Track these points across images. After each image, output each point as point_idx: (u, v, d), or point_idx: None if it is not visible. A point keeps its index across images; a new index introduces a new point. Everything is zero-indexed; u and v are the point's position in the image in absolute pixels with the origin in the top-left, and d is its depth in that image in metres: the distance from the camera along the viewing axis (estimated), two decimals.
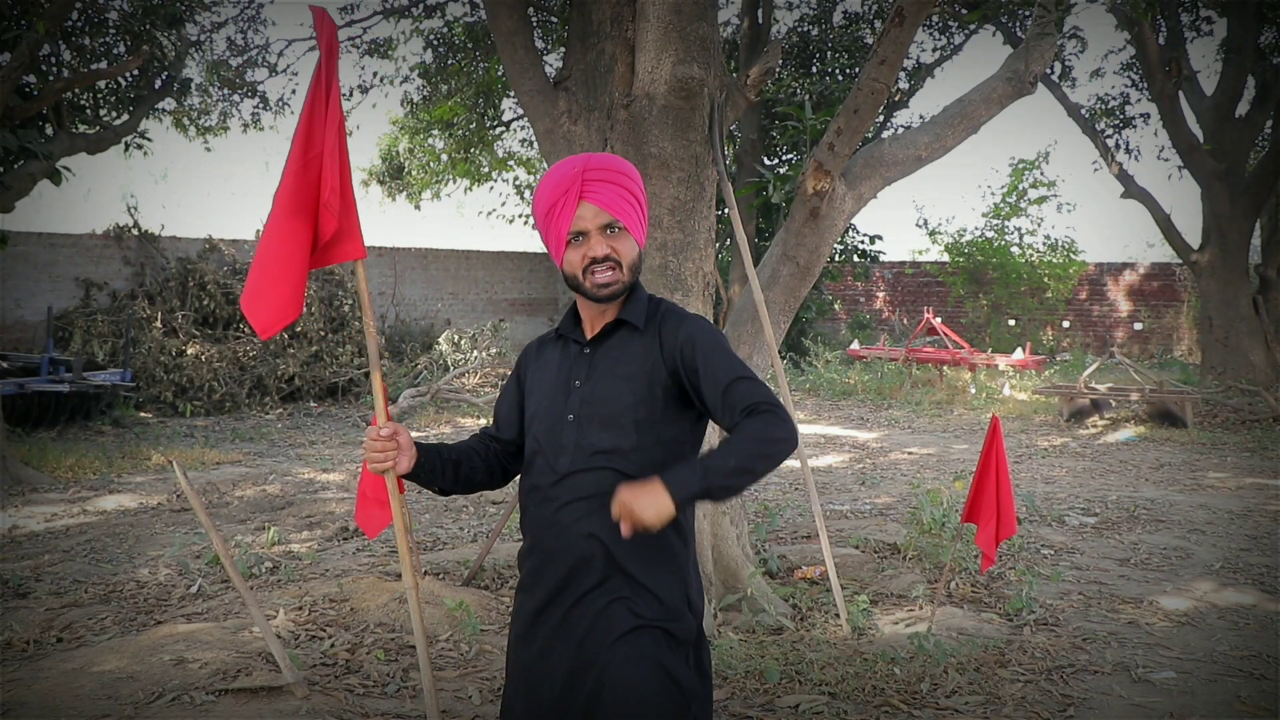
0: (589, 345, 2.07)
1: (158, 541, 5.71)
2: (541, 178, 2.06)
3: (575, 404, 2.02)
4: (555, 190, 2.02)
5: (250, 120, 12.49)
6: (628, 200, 2.04)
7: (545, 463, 2.02)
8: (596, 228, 2.00)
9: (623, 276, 2.02)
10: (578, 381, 2.04)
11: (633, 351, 2.03)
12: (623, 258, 2.02)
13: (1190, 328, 17.82)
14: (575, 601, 1.95)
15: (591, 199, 2.00)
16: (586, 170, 2.01)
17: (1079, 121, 13.36)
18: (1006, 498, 3.92)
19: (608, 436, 1.97)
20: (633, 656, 1.89)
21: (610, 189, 2.01)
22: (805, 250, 4.61)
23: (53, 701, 3.32)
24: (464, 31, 11.76)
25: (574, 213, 2.00)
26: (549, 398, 2.07)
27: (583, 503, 1.96)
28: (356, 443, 9.41)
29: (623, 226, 2.02)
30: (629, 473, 1.94)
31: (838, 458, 8.82)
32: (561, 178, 2.02)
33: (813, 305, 16.36)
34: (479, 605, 4.39)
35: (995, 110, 4.79)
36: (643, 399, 1.98)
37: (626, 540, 1.89)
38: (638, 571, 1.94)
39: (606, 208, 2.00)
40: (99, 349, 11.01)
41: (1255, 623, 4.48)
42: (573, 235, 2.01)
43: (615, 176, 2.02)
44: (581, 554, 1.95)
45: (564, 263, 2.04)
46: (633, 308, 2.06)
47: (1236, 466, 8.39)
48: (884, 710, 3.49)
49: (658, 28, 4.21)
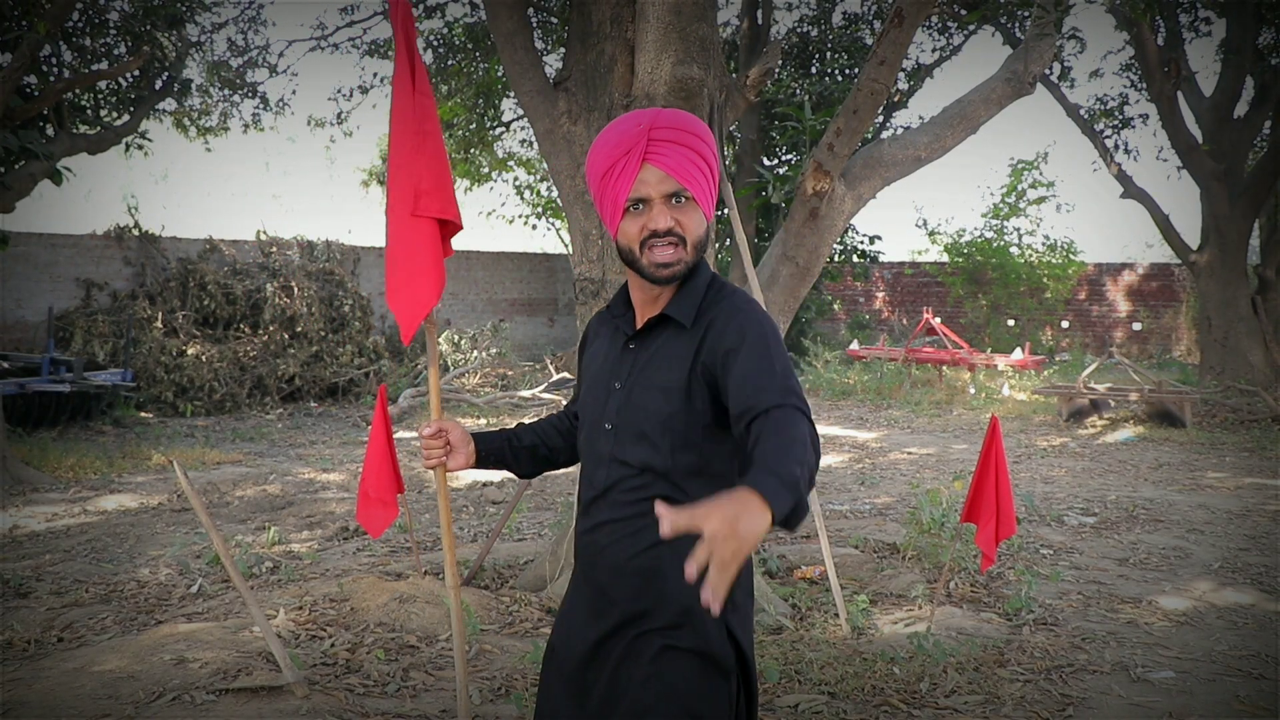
0: (633, 339, 1.84)
1: (158, 541, 5.72)
2: (600, 134, 1.81)
3: (612, 411, 1.82)
4: (616, 149, 1.75)
5: (250, 120, 12.50)
6: (698, 166, 1.76)
7: (588, 474, 1.86)
8: (660, 196, 1.73)
9: (686, 255, 1.75)
10: (617, 384, 1.83)
11: (674, 354, 1.77)
12: (688, 233, 1.75)
13: (1189, 328, 17.83)
14: (608, 634, 1.79)
15: (657, 162, 1.72)
16: (654, 128, 1.73)
17: (1078, 122, 13.37)
18: (1006, 498, 3.92)
19: (640, 452, 1.77)
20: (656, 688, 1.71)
21: (680, 151, 1.73)
22: (805, 250, 4.62)
23: (53, 701, 3.32)
24: (464, 32, 11.76)
25: (635, 176, 1.73)
26: (592, 398, 1.88)
27: (616, 525, 1.80)
28: (357, 443, 9.41)
29: (690, 196, 1.74)
30: (663, 495, 1.73)
31: (837, 458, 8.83)
32: (624, 135, 1.75)
33: (812, 305, 16.37)
34: (479, 605, 4.40)
35: (994, 111, 4.79)
36: (679, 411, 1.74)
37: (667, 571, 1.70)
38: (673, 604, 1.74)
39: (674, 173, 1.72)
40: (99, 349, 11.01)
41: (1254, 622, 4.49)
42: (632, 202, 1.74)
43: (686, 137, 1.74)
44: (616, 577, 1.79)
45: (619, 233, 1.77)
46: (681, 300, 1.79)
47: (1235, 466, 8.40)
48: (883, 710, 3.50)
49: (658, 28, 4.22)
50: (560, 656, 1.88)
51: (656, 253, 1.74)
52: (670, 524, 1.30)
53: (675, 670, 1.72)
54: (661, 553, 1.74)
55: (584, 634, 1.83)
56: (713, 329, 1.75)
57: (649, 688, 1.71)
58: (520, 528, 5.99)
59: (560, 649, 1.89)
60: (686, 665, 1.73)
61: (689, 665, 1.73)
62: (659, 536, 1.46)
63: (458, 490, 7.27)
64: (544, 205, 18.17)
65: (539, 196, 18.18)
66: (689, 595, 1.70)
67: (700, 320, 1.78)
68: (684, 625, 1.73)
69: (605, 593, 1.81)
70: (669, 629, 1.74)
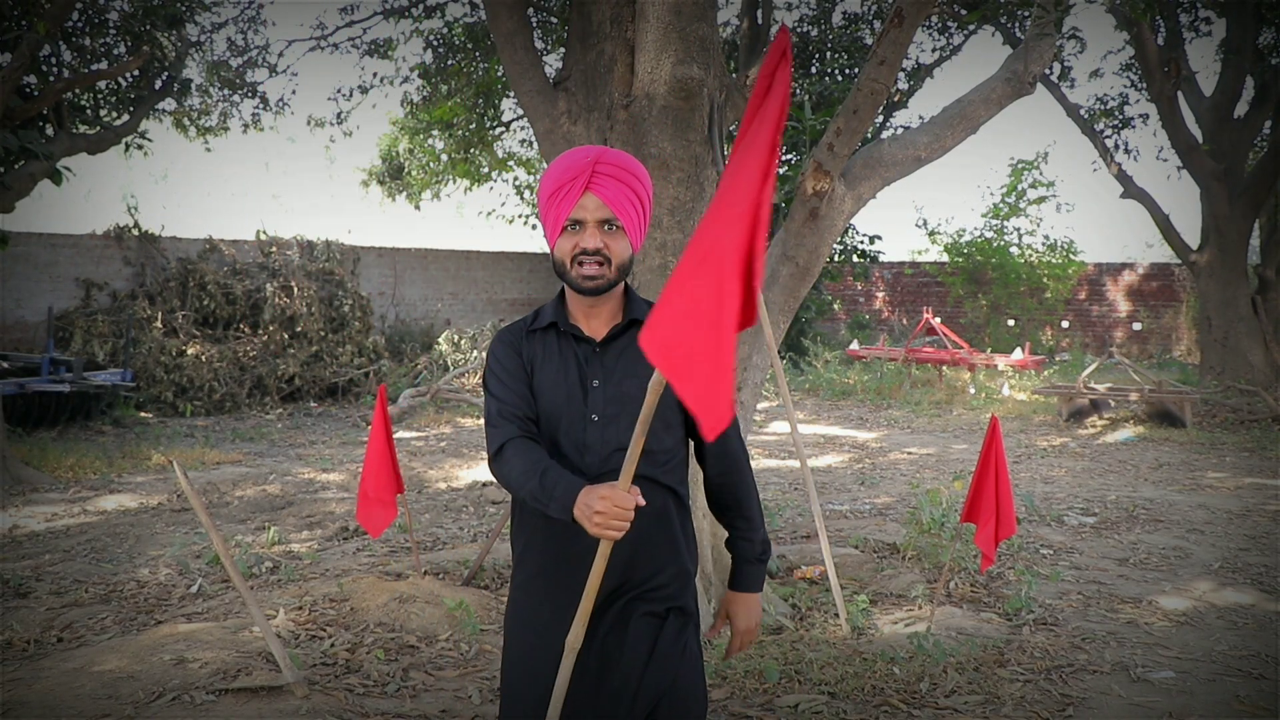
0: (600, 344, 2.07)
1: (158, 541, 5.71)
2: (554, 160, 2.06)
3: (598, 403, 2.02)
4: (564, 175, 2.01)
5: (250, 121, 12.50)
6: (632, 202, 2.03)
7: (567, 464, 2.00)
8: (595, 220, 2.00)
9: (609, 274, 2.01)
10: (595, 381, 2.04)
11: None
12: (613, 255, 2.01)
13: (1189, 328, 17.83)
14: (608, 600, 2.00)
15: (597, 191, 1.99)
16: (599, 162, 2.01)
17: (1078, 122, 13.37)
18: (1006, 497, 3.92)
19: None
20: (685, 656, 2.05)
21: (618, 186, 2.01)
22: (805, 250, 4.62)
23: (53, 701, 3.32)
24: (464, 32, 11.75)
25: (577, 201, 1.99)
26: (561, 395, 2.04)
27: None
28: (357, 443, 9.41)
29: (621, 226, 2.02)
30: (655, 473, 2.01)
31: (837, 458, 8.83)
32: (572, 164, 2.01)
33: (812, 305, 16.37)
34: (479, 605, 4.40)
35: (994, 111, 4.79)
36: (665, 399, 1.97)
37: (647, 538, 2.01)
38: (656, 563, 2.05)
39: (609, 203, 2.00)
40: (99, 349, 11.01)
41: (1254, 622, 4.49)
42: (570, 223, 2.01)
43: (625, 176, 2.02)
44: (617, 553, 1.94)
45: (555, 248, 2.04)
46: (637, 308, 2.07)
47: (1235, 466, 8.40)
48: (883, 710, 3.50)
49: (657, 28, 4.22)
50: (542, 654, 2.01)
51: (584, 268, 2.01)
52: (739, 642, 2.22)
53: (694, 641, 2.09)
54: (654, 523, 2.02)
55: (564, 621, 1.96)
56: None
57: (685, 662, 2.04)
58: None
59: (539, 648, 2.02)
60: (694, 634, 2.09)
61: (694, 633, 2.09)
62: (650, 509, 1.95)
63: (457, 490, 7.27)
64: None
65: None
66: (677, 556, 2.07)
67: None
68: (672, 584, 2.05)
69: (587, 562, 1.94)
70: (662, 589, 2.04)
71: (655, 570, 2.04)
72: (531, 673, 2.02)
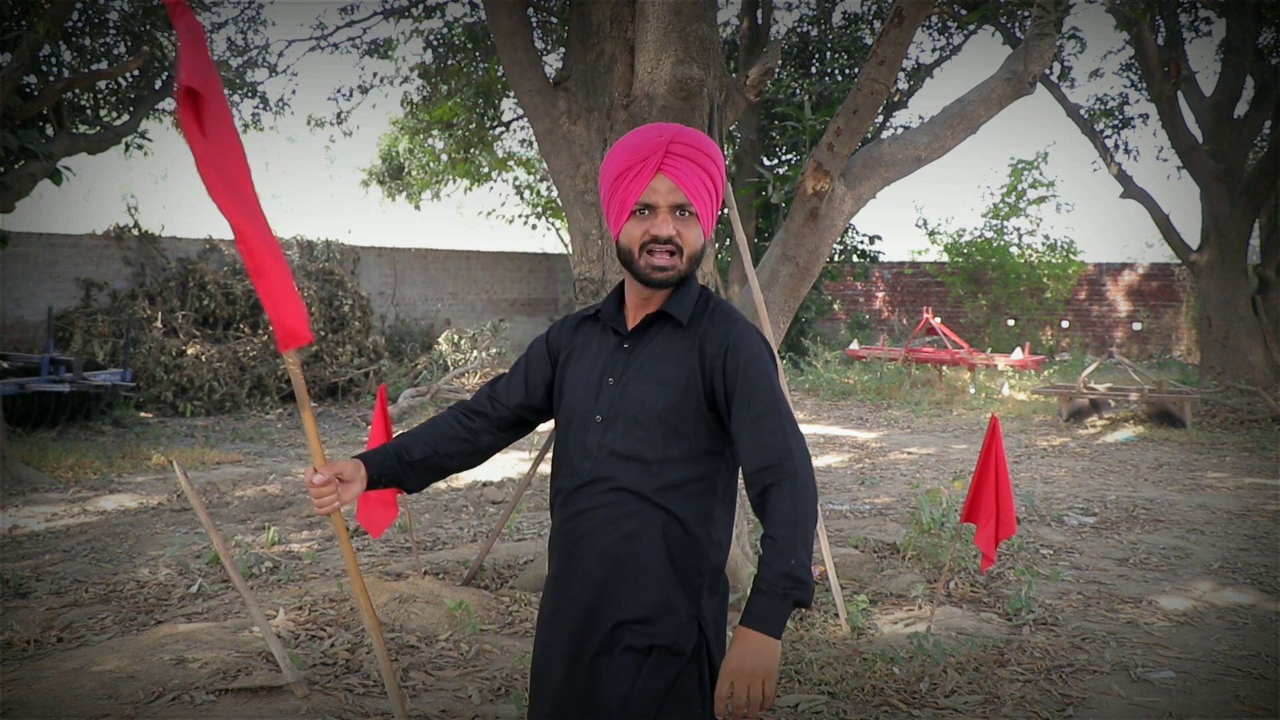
0: (628, 338, 1.93)
1: (158, 541, 5.71)
2: (620, 139, 1.93)
3: (605, 404, 1.89)
4: (634, 155, 1.85)
5: (250, 120, 12.49)
6: (706, 186, 1.87)
7: (570, 465, 1.92)
8: (668, 205, 1.84)
9: (680, 265, 1.86)
10: (610, 379, 1.90)
11: (672, 350, 1.88)
12: (686, 245, 1.86)
13: (1189, 328, 17.83)
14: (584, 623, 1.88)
15: (671, 174, 1.84)
16: (674, 142, 1.85)
17: (1078, 122, 13.37)
18: (1006, 497, 3.92)
19: (631, 441, 1.85)
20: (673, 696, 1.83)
21: (692, 169, 1.85)
22: (805, 250, 4.62)
23: (53, 701, 3.32)
24: (464, 32, 11.76)
25: (648, 183, 1.83)
26: (581, 394, 1.94)
27: (597, 513, 1.87)
28: (357, 443, 9.41)
29: (695, 212, 1.86)
30: (648, 487, 1.83)
31: (837, 458, 8.83)
32: (644, 143, 1.85)
33: (812, 305, 16.37)
34: (479, 605, 4.40)
35: (994, 111, 4.79)
36: (674, 405, 1.84)
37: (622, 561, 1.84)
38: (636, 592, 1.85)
39: (684, 186, 1.84)
40: (99, 349, 11.01)
41: (1254, 622, 4.49)
42: (640, 207, 1.85)
43: (700, 157, 1.86)
44: (594, 564, 1.87)
45: (621, 234, 1.88)
46: (679, 300, 1.90)
47: (1235, 466, 8.40)
48: (883, 710, 3.50)
49: (657, 28, 4.22)
50: (547, 646, 1.96)
51: (655, 258, 1.85)
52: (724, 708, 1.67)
53: (690, 681, 1.84)
54: (638, 544, 1.84)
55: (565, 625, 1.91)
56: (712, 329, 1.87)
57: (671, 704, 1.82)
58: (520, 528, 5.99)
59: (546, 639, 1.96)
60: (691, 674, 1.84)
61: (691, 673, 1.84)
62: (636, 527, 1.82)
63: (457, 490, 7.27)
64: (544, 205, 18.16)
65: (539, 196, 18.17)
66: (663, 588, 1.83)
67: (697, 322, 1.90)
68: (659, 620, 1.82)
69: (583, 579, 1.88)
70: (643, 623, 1.83)
71: (634, 600, 1.84)
72: (542, 668, 1.97)
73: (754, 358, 1.85)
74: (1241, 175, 12.53)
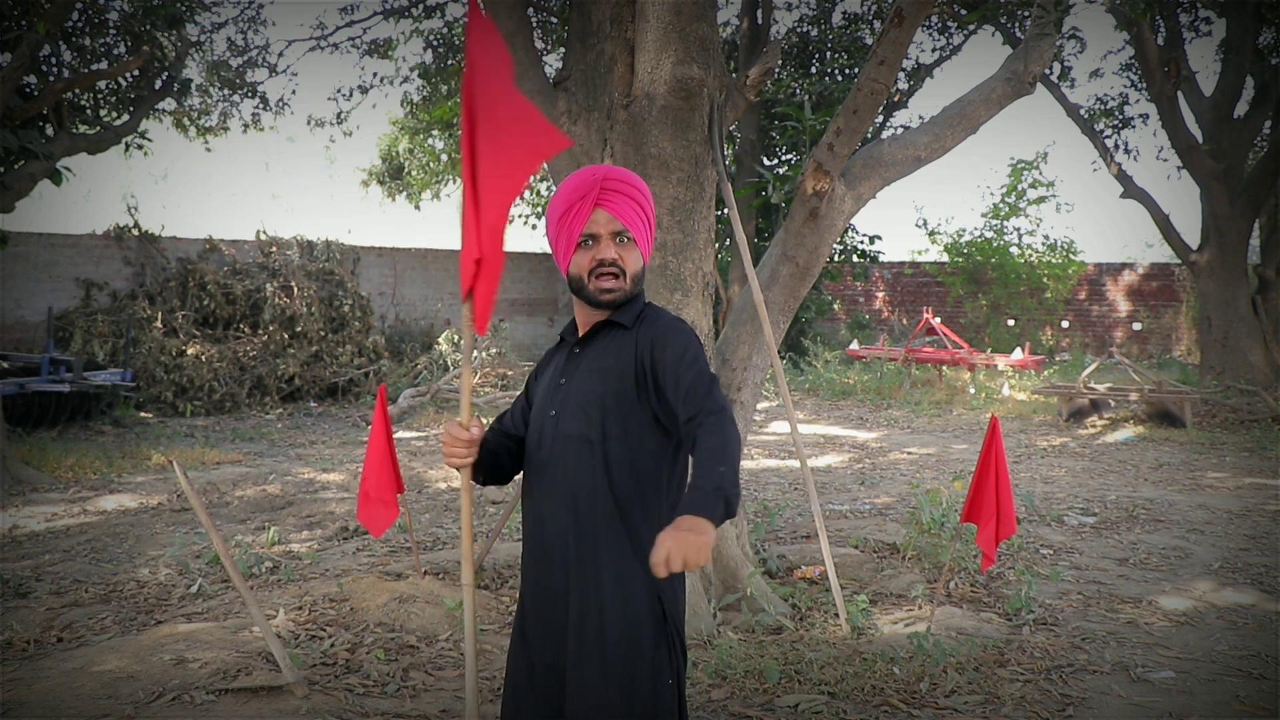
0: (578, 345, 2.17)
1: (158, 541, 5.71)
2: (559, 186, 2.19)
3: (558, 401, 2.12)
4: (573, 194, 2.10)
5: (250, 120, 12.50)
6: (639, 214, 2.13)
7: (530, 459, 2.15)
8: (608, 233, 2.09)
9: (625, 285, 2.10)
10: (563, 380, 2.15)
11: (613, 347, 2.11)
12: (628, 267, 2.10)
13: (1189, 328, 17.83)
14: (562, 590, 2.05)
15: (607, 206, 2.09)
16: (606, 179, 2.10)
17: (1078, 122, 13.37)
18: (1006, 497, 3.92)
19: (576, 424, 2.06)
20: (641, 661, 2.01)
21: (625, 201, 2.11)
22: (805, 250, 4.62)
23: (53, 701, 3.32)
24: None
25: (588, 217, 2.08)
26: (541, 400, 2.19)
27: (554, 494, 2.06)
28: (357, 443, 9.41)
29: (632, 237, 2.11)
30: (597, 465, 2.03)
31: (837, 458, 8.83)
32: (580, 183, 2.11)
33: (812, 305, 16.37)
34: (479, 605, 4.40)
35: (994, 111, 4.79)
36: (612, 390, 2.05)
37: (593, 535, 2.02)
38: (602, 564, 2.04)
39: (619, 216, 2.09)
40: (99, 349, 11.01)
41: (1254, 622, 4.49)
42: (584, 238, 2.10)
43: (630, 190, 2.12)
44: (557, 547, 2.05)
45: (571, 264, 2.12)
46: (625, 310, 2.13)
47: (1235, 466, 8.40)
48: (883, 710, 3.50)
49: (657, 28, 4.22)
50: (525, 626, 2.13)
51: (602, 281, 2.08)
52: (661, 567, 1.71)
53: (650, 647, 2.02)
54: (597, 518, 2.04)
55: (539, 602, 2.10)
56: (643, 326, 2.09)
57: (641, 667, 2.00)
58: (520, 527, 5.99)
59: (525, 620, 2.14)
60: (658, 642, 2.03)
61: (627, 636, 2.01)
62: (590, 505, 2.03)
63: (457, 490, 7.27)
64: (544, 205, 18.17)
65: (539, 196, 18.18)
66: (618, 558, 2.02)
67: (636, 326, 2.12)
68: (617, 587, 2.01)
69: (551, 557, 2.07)
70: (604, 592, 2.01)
71: (606, 563, 2.03)
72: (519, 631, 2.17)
73: (676, 333, 2.05)
74: (1241, 175, 12.53)
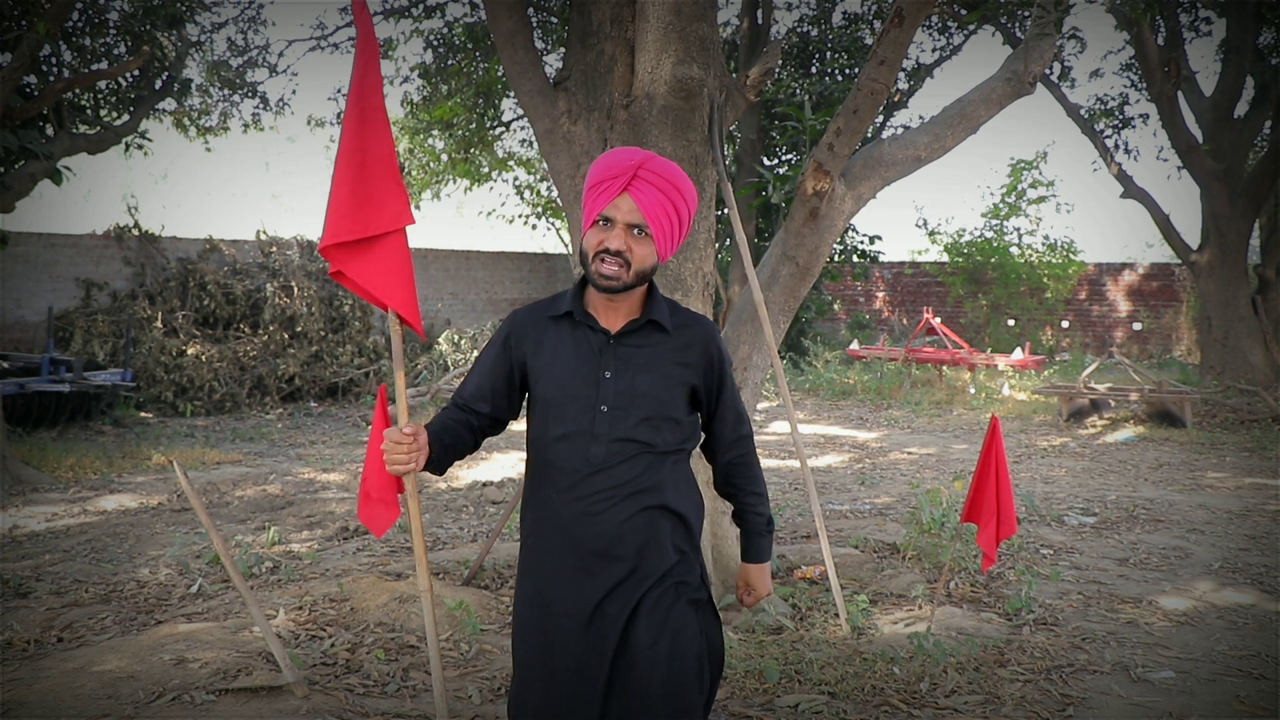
0: (614, 337, 2.12)
1: (158, 541, 5.71)
2: (604, 153, 2.22)
3: (609, 395, 2.08)
4: (607, 172, 2.05)
5: (250, 120, 12.49)
6: (668, 212, 2.07)
7: (574, 451, 2.09)
8: (624, 223, 2.04)
9: (625, 277, 2.05)
10: (608, 373, 2.09)
11: (662, 352, 2.12)
12: (635, 260, 2.05)
13: (1189, 328, 17.83)
14: (620, 582, 2.08)
15: (634, 195, 2.03)
16: (643, 168, 2.04)
17: (1078, 122, 13.37)
18: (1006, 497, 3.92)
19: (646, 430, 2.08)
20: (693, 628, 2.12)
21: (655, 194, 2.04)
22: (805, 250, 4.62)
23: (53, 701, 3.32)
24: (464, 32, 11.76)
25: (612, 199, 2.04)
26: (572, 385, 2.11)
27: (617, 490, 2.07)
28: (357, 442, 9.41)
29: (649, 233, 2.06)
30: (652, 467, 2.10)
31: (837, 458, 8.83)
32: (616, 163, 2.05)
33: (812, 305, 16.37)
34: (479, 605, 4.40)
35: (994, 111, 4.79)
36: (675, 399, 2.11)
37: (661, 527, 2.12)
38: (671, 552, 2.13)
39: (643, 209, 2.04)
40: (99, 349, 11.01)
41: (1254, 622, 4.49)
42: (601, 218, 2.06)
43: (664, 185, 2.05)
44: (617, 538, 2.08)
45: (585, 238, 2.10)
46: (656, 308, 2.13)
47: (1235, 466, 8.40)
48: (883, 710, 3.50)
49: (658, 28, 4.21)
50: (554, 624, 2.11)
51: (603, 266, 2.05)
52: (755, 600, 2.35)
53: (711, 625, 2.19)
54: (654, 515, 2.10)
55: (580, 598, 2.09)
56: (695, 339, 2.15)
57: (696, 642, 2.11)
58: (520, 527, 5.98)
59: (554, 618, 2.12)
60: (710, 616, 2.20)
61: (710, 615, 2.20)
62: (652, 501, 2.10)
63: (457, 490, 7.27)
64: (544, 205, 18.17)
65: (539, 196, 18.17)
66: (680, 543, 2.15)
67: (679, 330, 2.16)
68: (688, 572, 2.14)
69: (605, 554, 2.08)
70: (681, 582, 2.12)
71: (670, 550, 2.13)
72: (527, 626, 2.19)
73: (726, 358, 2.20)
74: (1241, 175, 12.53)
